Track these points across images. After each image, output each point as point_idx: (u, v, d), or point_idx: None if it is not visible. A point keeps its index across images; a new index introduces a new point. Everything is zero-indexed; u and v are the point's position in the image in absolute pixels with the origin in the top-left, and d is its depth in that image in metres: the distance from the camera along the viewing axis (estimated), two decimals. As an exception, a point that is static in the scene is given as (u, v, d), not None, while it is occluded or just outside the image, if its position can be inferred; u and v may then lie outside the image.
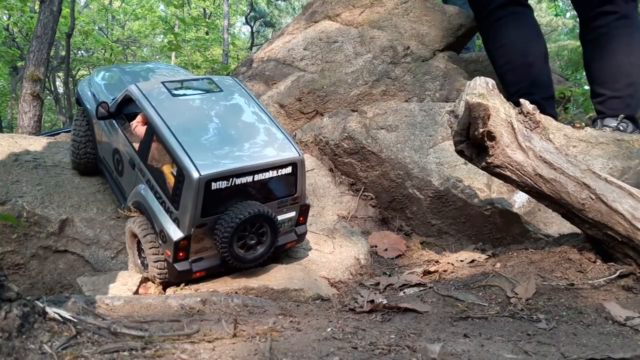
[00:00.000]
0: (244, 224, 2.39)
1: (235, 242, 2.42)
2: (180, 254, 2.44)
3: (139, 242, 2.70)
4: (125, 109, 2.88)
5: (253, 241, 2.50)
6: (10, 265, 2.84)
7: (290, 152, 2.60)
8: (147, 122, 2.66)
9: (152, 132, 2.57)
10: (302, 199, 2.75)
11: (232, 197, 2.46)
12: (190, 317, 2.09)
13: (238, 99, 2.87)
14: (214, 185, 2.35)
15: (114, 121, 2.88)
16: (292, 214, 2.74)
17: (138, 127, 2.76)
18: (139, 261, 2.75)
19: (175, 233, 2.41)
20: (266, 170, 2.49)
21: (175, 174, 2.46)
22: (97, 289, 2.63)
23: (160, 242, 2.50)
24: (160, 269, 2.54)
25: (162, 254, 2.52)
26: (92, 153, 3.21)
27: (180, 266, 2.46)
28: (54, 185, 3.16)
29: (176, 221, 2.42)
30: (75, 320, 1.49)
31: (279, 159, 2.54)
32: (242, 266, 2.51)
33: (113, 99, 2.91)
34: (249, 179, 2.45)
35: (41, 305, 1.44)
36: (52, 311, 1.45)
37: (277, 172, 2.54)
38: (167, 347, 1.50)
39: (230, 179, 2.39)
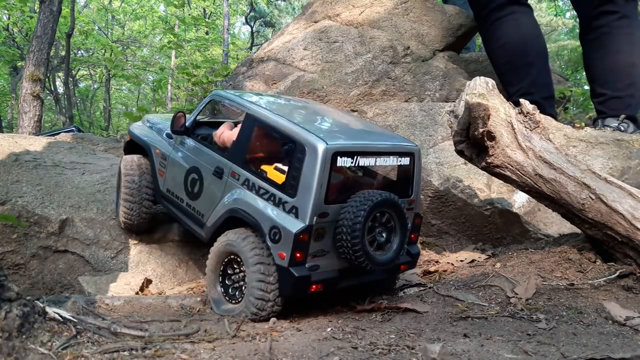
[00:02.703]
0: (374, 210, 2.10)
1: (366, 235, 2.11)
2: (299, 254, 2.08)
3: (225, 266, 2.31)
4: (199, 128, 2.77)
5: (383, 237, 2.20)
6: (10, 265, 2.84)
7: (407, 143, 2.46)
8: (237, 123, 2.53)
9: (251, 127, 2.40)
10: (416, 206, 2.47)
11: (354, 186, 2.32)
12: (190, 317, 2.10)
13: (323, 105, 2.81)
14: (340, 161, 2.12)
15: (186, 138, 2.71)
16: (407, 224, 2.36)
17: (225, 133, 2.63)
18: (220, 289, 2.32)
19: (294, 224, 2.07)
20: (387, 154, 2.30)
21: (282, 166, 2.24)
22: (100, 289, 2.64)
23: (270, 243, 2.13)
24: (262, 292, 2.12)
25: (271, 270, 2.14)
26: (153, 200, 2.95)
27: (297, 271, 2.08)
28: (54, 185, 3.16)
29: (293, 210, 2.11)
30: (75, 320, 1.49)
31: (399, 144, 2.40)
32: (372, 268, 2.16)
33: (187, 119, 2.76)
34: (372, 160, 2.25)
35: (41, 305, 1.44)
36: (52, 311, 1.45)
37: (397, 160, 2.34)
38: (167, 347, 1.50)
39: (355, 157, 2.18)
